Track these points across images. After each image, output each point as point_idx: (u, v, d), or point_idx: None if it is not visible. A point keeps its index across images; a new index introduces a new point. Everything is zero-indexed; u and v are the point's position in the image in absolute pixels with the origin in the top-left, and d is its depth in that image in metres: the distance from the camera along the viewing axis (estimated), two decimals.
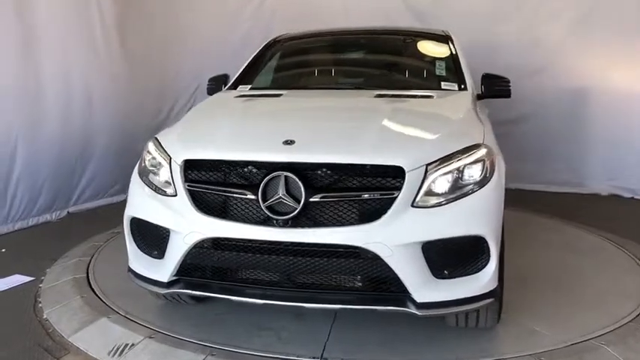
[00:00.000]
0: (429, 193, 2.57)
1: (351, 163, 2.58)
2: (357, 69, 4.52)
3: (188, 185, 2.74)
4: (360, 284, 2.63)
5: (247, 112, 3.52)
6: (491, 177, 2.67)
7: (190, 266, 2.76)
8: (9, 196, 5.08)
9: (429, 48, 4.26)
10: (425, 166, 2.57)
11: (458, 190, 2.60)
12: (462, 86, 3.60)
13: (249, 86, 4.06)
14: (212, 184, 2.72)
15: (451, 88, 3.58)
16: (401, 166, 2.54)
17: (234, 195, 2.65)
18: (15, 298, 3.67)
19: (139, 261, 2.97)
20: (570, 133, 6.64)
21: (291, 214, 2.53)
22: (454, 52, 3.88)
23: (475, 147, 2.73)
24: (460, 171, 2.63)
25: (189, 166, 2.77)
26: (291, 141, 2.69)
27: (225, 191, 2.68)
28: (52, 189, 5.44)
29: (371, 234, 2.49)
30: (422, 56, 4.19)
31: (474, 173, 2.65)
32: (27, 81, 5.17)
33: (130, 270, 3.02)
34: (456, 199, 2.58)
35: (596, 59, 6.39)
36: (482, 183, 2.64)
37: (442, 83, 3.63)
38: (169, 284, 2.80)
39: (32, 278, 3.95)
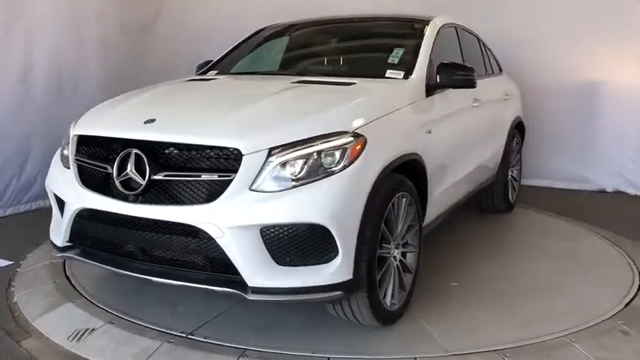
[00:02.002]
0: (272, 177, 2.51)
1: (193, 143, 2.61)
2: (310, 57, 4.42)
3: (76, 159, 2.96)
4: (201, 263, 2.63)
5: (158, 94, 3.50)
6: (348, 166, 2.55)
7: (79, 234, 2.95)
8: (0, 183, 5.11)
9: (396, 35, 4.13)
10: (267, 150, 2.52)
11: (304, 176, 2.51)
12: (409, 75, 3.45)
13: (216, 71, 4.10)
14: (90, 158, 2.91)
15: (395, 76, 3.43)
16: (238, 148, 2.52)
17: (100, 170, 2.81)
18: None
19: (52, 227, 3.17)
20: (576, 129, 6.48)
21: (137, 190, 2.61)
22: (420, 40, 3.72)
23: (336, 134, 2.60)
24: (309, 157, 2.53)
25: (80, 141, 2.99)
26: (151, 120, 2.79)
27: (95, 165, 2.85)
28: (45, 176, 5.44)
29: (205, 214, 2.50)
30: (383, 44, 4.03)
31: (326, 161, 2.55)
32: None
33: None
34: (300, 186, 2.49)
35: (604, 55, 6.23)
36: (334, 171, 2.53)
37: (388, 71, 3.49)
38: (63, 249, 3.00)
39: (11, 262, 3.96)
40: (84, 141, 2.98)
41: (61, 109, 5.40)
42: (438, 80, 3.47)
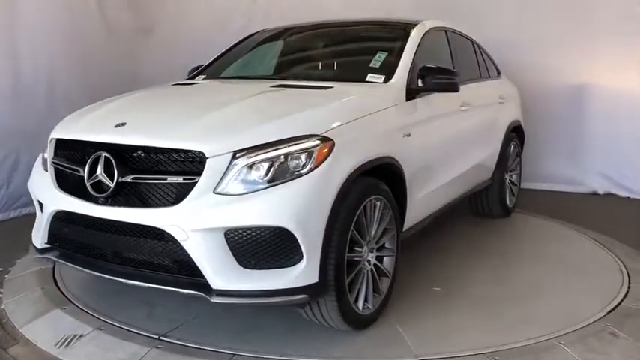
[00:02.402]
0: (236, 180, 2.51)
1: (160, 146, 2.62)
2: (296, 61, 4.45)
3: (53, 162, 3.02)
4: (168, 265, 2.63)
5: (136, 98, 3.51)
6: (314, 169, 2.55)
7: (57, 236, 3.00)
8: None
9: (382, 39, 4.12)
10: (232, 153, 2.52)
11: (270, 179, 2.52)
12: (390, 79, 3.44)
13: (204, 76, 4.13)
14: (65, 161, 2.96)
15: (376, 80, 3.42)
16: (202, 151, 2.52)
17: (74, 172, 2.85)
18: None
19: (34, 229, 3.21)
20: (569, 131, 6.51)
21: (107, 193, 2.64)
22: (404, 44, 3.71)
23: (303, 137, 2.61)
24: (274, 160, 2.54)
25: (57, 145, 3.05)
26: (122, 124, 2.83)
27: (70, 168, 2.90)
28: None
29: (170, 217, 2.52)
30: (368, 48, 4.02)
31: (292, 164, 2.55)
32: None
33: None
34: (265, 189, 2.50)
35: (597, 58, 6.25)
36: (300, 175, 2.54)
37: (369, 75, 3.48)
38: (42, 250, 3.05)
39: (0, 269, 3.94)
40: (60, 144, 3.03)
41: (51, 118, 5.35)
42: (420, 84, 3.47)
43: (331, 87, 3.32)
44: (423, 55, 3.72)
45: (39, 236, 3.06)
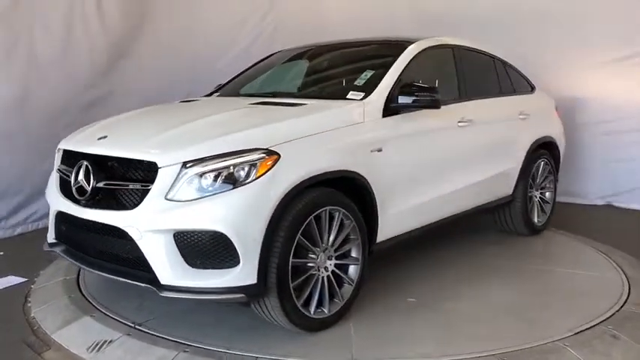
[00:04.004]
0: (185, 188, 2.81)
1: (124, 157, 3.02)
2: (293, 80, 4.63)
3: (58, 169, 3.45)
4: (131, 260, 2.95)
5: (134, 114, 3.88)
6: (254, 180, 2.81)
7: (60, 233, 3.44)
8: (7, 202, 5.25)
9: (376, 57, 4.24)
10: (182, 164, 2.83)
11: (214, 188, 2.80)
12: (368, 96, 3.57)
13: (218, 93, 4.49)
14: (64, 168, 3.37)
15: (355, 97, 3.57)
16: (155, 162, 2.86)
17: (67, 178, 3.24)
18: (6, 298, 3.82)
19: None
20: (568, 142, 6.66)
21: (85, 196, 3.05)
22: (393, 62, 3.84)
23: (248, 151, 2.86)
24: (220, 171, 2.81)
25: (63, 154, 3.46)
26: (104, 137, 3.26)
27: (66, 175, 3.30)
28: None
29: (129, 218, 2.87)
30: (361, 66, 4.11)
31: (236, 175, 2.82)
32: None
33: None
34: (209, 196, 2.78)
35: (594, 69, 6.43)
36: (241, 185, 2.80)
37: (351, 92, 3.63)
38: (51, 244, 3.48)
39: (25, 279, 4.11)
40: (64, 154, 3.45)
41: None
42: (399, 101, 3.58)
43: (305, 104, 3.54)
44: (417, 74, 3.85)
45: (50, 232, 3.53)
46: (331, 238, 3.16)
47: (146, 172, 2.91)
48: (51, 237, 3.51)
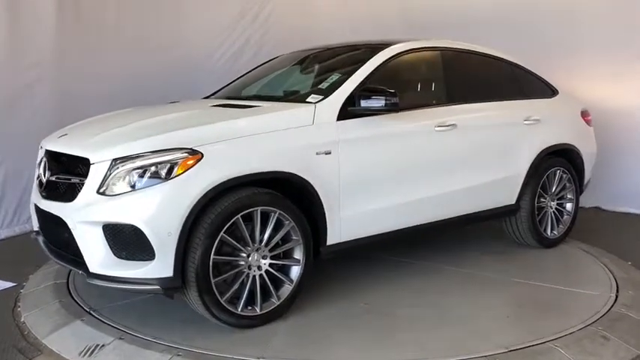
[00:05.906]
0: (113, 183, 2.99)
1: (68, 153, 3.28)
2: (269, 84, 4.67)
3: (38, 165, 3.62)
4: (73, 248, 3.12)
5: (109, 115, 4.05)
6: (174, 178, 2.95)
7: (39, 224, 3.64)
8: None
9: (350, 61, 4.17)
10: (111, 161, 3.01)
11: (139, 184, 2.97)
12: (324, 99, 3.59)
13: (212, 97, 4.56)
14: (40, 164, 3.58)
15: (312, 100, 3.59)
16: (88, 158, 3.07)
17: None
18: None
19: None
20: None
21: (42, 188, 3.40)
22: (360, 65, 3.83)
23: (172, 150, 3.00)
24: (145, 168, 2.98)
25: (46, 151, 3.57)
26: (64, 135, 3.57)
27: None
28: None
29: (67, 210, 3.10)
30: (332, 70, 4.13)
31: (159, 172, 2.97)
32: None
33: None
34: (133, 192, 2.96)
35: (586, 76, 6.45)
36: (161, 182, 2.95)
37: (312, 95, 3.66)
38: (36, 232, 3.71)
39: (14, 284, 4.08)
40: (45, 152, 3.61)
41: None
42: (361, 105, 3.56)
43: (258, 106, 3.61)
44: (392, 78, 3.90)
45: (33, 221, 3.73)
46: (265, 237, 3.21)
47: (83, 167, 3.10)
48: (34, 226, 3.73)
